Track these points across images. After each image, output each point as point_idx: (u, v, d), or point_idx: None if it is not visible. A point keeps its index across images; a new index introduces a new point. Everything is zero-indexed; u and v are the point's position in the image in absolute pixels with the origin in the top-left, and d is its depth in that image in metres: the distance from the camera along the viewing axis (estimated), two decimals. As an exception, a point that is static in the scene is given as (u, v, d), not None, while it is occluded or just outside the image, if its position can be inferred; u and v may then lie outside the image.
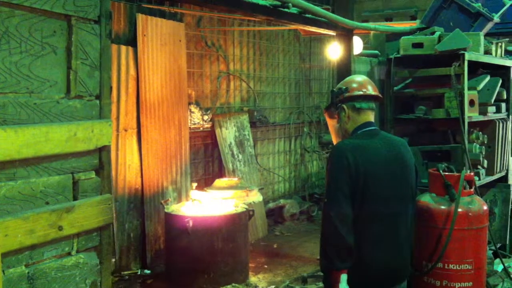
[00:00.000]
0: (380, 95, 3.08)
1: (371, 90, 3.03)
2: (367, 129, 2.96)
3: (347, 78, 3.19)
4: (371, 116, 3.01)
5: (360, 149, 2.84)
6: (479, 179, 5.29)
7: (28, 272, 2.03)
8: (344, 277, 2.75)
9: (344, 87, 3.03)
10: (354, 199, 2.77)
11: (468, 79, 5.12)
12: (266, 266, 6.02)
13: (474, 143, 5.33)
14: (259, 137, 7.99)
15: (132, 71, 5.65)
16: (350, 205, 2.76)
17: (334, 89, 3.12)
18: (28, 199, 2.03)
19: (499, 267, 5.04)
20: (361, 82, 3.05)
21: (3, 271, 1.91)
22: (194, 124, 6.66)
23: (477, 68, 5.75)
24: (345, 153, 2.81)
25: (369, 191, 2.79)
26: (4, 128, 1.91)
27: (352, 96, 2.99)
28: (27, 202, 2.03)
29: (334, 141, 3.36)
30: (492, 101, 5.64)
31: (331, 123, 3.29)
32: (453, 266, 3.81)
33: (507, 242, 5.91)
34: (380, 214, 2.84)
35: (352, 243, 2.75)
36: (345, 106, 3.01)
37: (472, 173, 4.13)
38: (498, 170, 5.88)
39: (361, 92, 3.00)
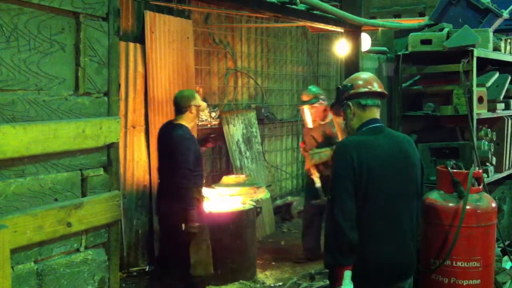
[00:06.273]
0: (385, 92, 3.07)
1: (376, 87, 3.02)
2: (372, 126, 2.95)
3: (353, 75, 3.18)
4: (376, 113, 3.00)
5: (364, 145, 2.84)
6: (488, 176, 5.26)
7: (37, 268, 2.04)
8: (347, 274, 2.75)
9: (350, 84, 3.03)
10: (358, 195, 2.77)
11: (477, 75, 5.09)
12: (273, 263, 6.02)
13: (483, 140, 5.31)
14: (266, 134, 7.98)
15: (140, 68, 5.66)
16: (354, 202, 2.76)
17: (340, 86, 3.11)
18: (37, 195, 2.05)
19: (507, 265, 5.01)
20: (367, 79, 3.05)
21: (12, 267, 1.92)
22: (202, 121, 6.66)
23: (485, 65, 5.72)
24: (349, 149, 2.81)
25: (372, 188, 2.78)
26: (13, 125, 1.93)
27: (358, 93, 2.98)
28: (36, 198, 2.04)
29: (340, 138, 3.35)
30: (501, 98, 5.62)
31: (337, 120, 3.29)
32: (461, 264, 3.80)
33: (516, 240, 5.88)
34: (383, 210, 2.83)
35: (355, 240, 2.74)
36: (350, 103, 2.99)
37: (480, 170, 4.11)
38: (507, 167, 5.85)
39: (366, 89, 2.99)
